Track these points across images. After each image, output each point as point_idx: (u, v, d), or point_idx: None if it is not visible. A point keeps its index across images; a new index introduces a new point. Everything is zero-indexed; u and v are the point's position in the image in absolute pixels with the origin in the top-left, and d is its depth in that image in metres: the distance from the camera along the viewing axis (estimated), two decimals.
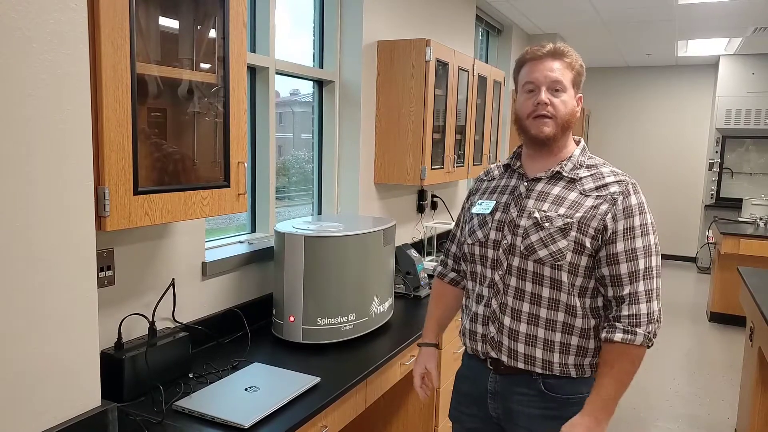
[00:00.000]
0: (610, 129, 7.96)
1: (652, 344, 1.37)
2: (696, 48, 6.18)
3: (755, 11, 4.48)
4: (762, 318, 2.45)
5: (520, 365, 1.46)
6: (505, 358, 1.48)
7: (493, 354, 1.50)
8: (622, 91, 7.89)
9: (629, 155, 7.79)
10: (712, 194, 6.74)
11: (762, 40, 5.56)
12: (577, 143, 1.53)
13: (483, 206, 1.55)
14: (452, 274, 1.75)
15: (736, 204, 6.22)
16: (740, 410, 3.10)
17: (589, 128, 7.94)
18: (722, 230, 4.99)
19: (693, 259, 7.50)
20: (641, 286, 1.36)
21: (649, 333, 1.35)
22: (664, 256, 7.76)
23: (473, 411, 1.58)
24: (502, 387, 1.50)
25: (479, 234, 1.53)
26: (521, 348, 1.45)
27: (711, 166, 6.73)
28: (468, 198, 1.69)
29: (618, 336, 1.35)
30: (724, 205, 6.53)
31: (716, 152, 6.69)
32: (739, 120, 6.43)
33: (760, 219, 5.46)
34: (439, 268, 1.79)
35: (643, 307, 1.35)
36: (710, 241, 5.78)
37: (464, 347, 1.62)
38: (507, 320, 1.47)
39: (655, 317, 1.36)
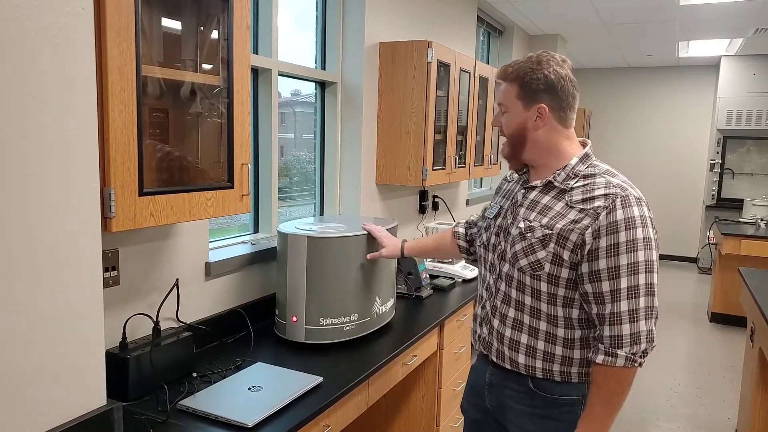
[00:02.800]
0: (611, 130, 7.96)
1: (639, 365, 1.32)
2: (697, 49, 6.18)
3: (756, 12, 4.48)
4: (763, 318, 2.46)
5: (507, 366, 1.49)
6: (494, 359, 1.52)
7: (485, 353, 1.56)
8: (623, 92, 7.90)
9: (630, 156, 7.79)
10: (713, 195, 6.74)
11: (763, 41, 5.57)
12: (584, 146, 1.49)
13: (491, 210, 1.60)
14: (461, 229, 1.89)
15: (737, 204, 6.23)
16: (741, 411, 3.11)
17: (590, 129, 7.94)
18: (723, 231, 4.99)
19: (694, 260, 7.50)
20: (624, 306, 1.30)
21: (634, 354, 1.30)
22: (666, 257, 7.77)
23: (475, 401, 1.62)
24: (496, 379, 1.53)
25: (484, 237, 1.58)
26: (507, 351, 1.48)
27: (712, 166, 6.74)
28: (496, 189, 1.74)
29: (599, 358, 1.33)
30: (725, 206, 6.54)
31: (717, 153, 6.70)
32: (740, 121, 6.43)
33: (761, 219, 5.46)
34: (461, 221, 1.93)
35: (625, 328, 1.30)
36: (711, 241, 5.79)
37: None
38: (496, 323, 1.50)
39: (643, 338, 1.30)
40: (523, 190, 1.50)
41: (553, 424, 1.46)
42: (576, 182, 1.41)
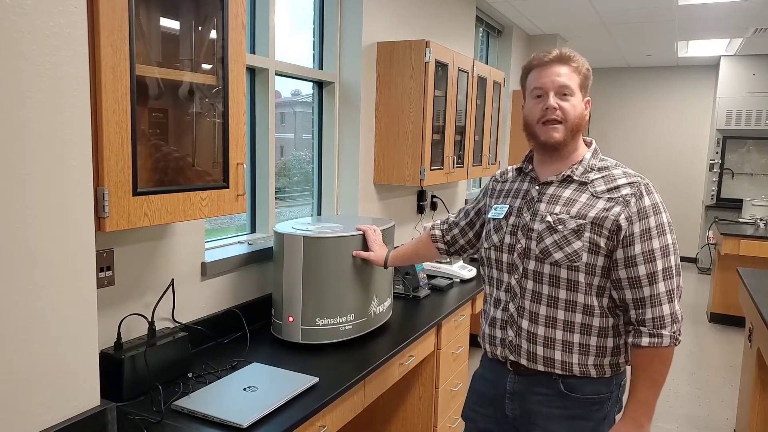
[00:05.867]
0: (610, 129, 7.96)
1: (678, 342, 1.38)
2: (696, 49, 6.17)
3: (756, 12, 4.48)
4: (761, 319, 2.45)
5: (540, 368, 1.46)
6: (524, 361, 1.49)
7: (512, 357, 1.51)
8: (623, 92, 7.89)
9: (630, 156, 7.79)
10: (712, 195, 6.74)
11: (763, 40, 5.56)
12: (588, 145, 1.53)
13: (497, 210, 1.58)
14: (437, 232, 1.89)
15: (736, 205, 6.22)
16: (739, 411, 3.11)
17: (590, 128, 7.94)
18: (722, 231, 4.99)
19: (693, 260, 7.49)
20: (662, 287, 1.36)
21: (674, 333, 1.36)
22: None
23: (489, 412, 1.59)
24: (521, 387, 1.51)
25: (494, 238, 1.55)
26: (540, 350, 1.46)
27: (711, 166, 6.73)
28: (484, 191, 1.73)
29: (645, 341, 1.36)
30: (724, 206, 6.53)
31: (717, 153, 6.69)
32: (739, 121, 6.42)
33: (761, 220, 5.46)
34: (436, 223, 1.93)
35: (665, 308, 1.36)
36: (710, 241, 5.78)
37: (484, 351, 1.62)
38: (525, 323, 1.48)
39: (678, 316, 1.37)
40: (537, 187, 1.50)
41: (583, 423, 1.46)
42: (594, 174, 1.46)
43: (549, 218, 1.44)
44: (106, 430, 1.28)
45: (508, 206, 1.55)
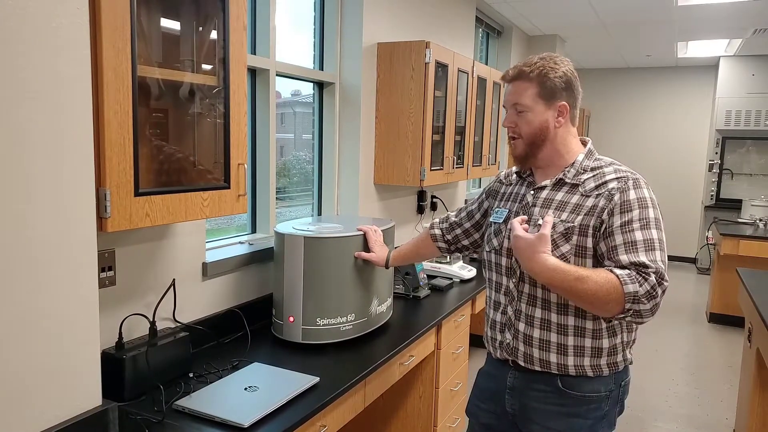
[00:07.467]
0: (609, 130, 7.96)
1: (628, 314, 1.29)
2: (696, 49, 6.18)
3: (755, 12, 4.48)
4: (760, 319, 2.46)
5: (537, 369, 1.48)
6: (522, 363, 1.51)
7: (510, 359, 1.53)
8: (622, 92, 7.90)
9: (629, 156, 7.79)
10: (711, 195, 6.74)
11: (762, 41, 5.57)
12: (585, 144, 1.54)
13: (498, 214, 1.60)
14: (437, 231, 1.91)
15: (735, 205, 6.22)
16: (738, 411, 3.11)
17: (589, 129, 7.95)
18: (722, 231, 4.99)
19: (693, 260, 7.50)
20: (643, 257, 1.31)
21: (636, 298, 1.27)
22: None
23: (490, 407, 1.61)
24: (520, 383, 1.53)
25: (494, 242, 1.57)
26: (536, 353, 1.47)
27: (711, 167, 6.73)
28: (488, 191, 1.74)
29: (620, 272, 1.29)
30: (723, 206, 6.53)
31: (716, 153, 6.69)
32: (739, 121, 6.43)
33: (760, 220, 5.46)
34: (435, 221, 1.95)
35: (649, 282, 1.28)
36: (710, 242, 5.79)
37: (488, 352, 1.64)
38: (522, 326, 1.50)
39: (655, 304, 1.28)
40: (532, 191, 1.52)
41: (580, 422, 1.46)
42: (586, 175, 1.46)
43: (540, 222, 1.45)
44: (107, 430, 1.28)
45: (507, 210, 1.58)
